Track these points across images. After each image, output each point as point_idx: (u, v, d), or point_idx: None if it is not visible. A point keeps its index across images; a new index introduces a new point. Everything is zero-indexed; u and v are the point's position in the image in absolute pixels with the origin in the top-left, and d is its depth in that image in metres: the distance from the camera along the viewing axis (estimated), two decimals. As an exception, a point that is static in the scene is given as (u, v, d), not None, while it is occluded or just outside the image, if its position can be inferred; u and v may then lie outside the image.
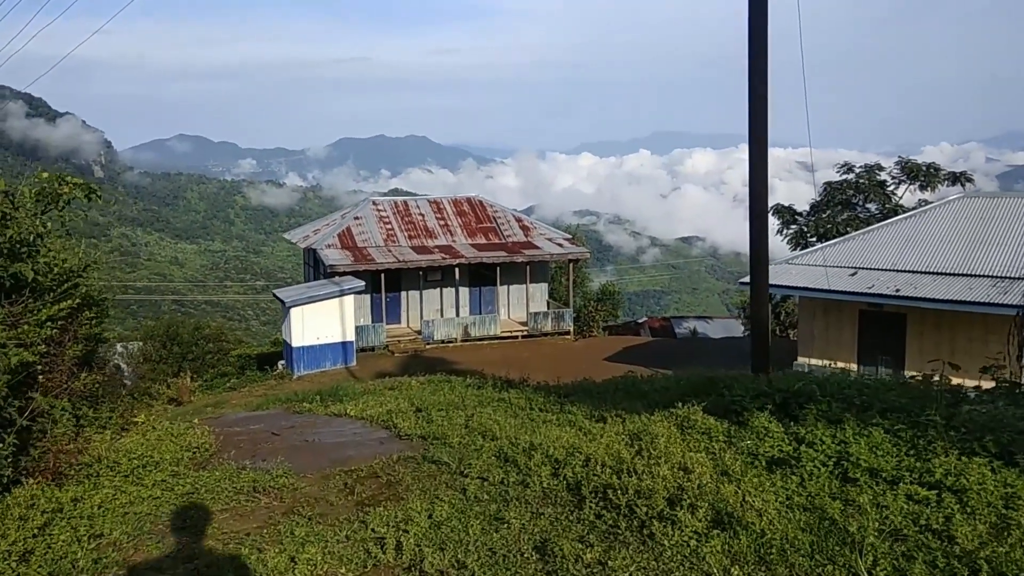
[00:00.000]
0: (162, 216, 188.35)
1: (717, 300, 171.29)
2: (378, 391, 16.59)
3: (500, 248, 35.75)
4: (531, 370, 31.30)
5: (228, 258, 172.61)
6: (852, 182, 34.84)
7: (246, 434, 11.47)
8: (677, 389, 10.29)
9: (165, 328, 44.76)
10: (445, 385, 15.30)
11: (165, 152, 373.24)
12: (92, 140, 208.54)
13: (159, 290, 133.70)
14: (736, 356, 30.90)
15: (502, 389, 13.22)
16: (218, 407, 26.67)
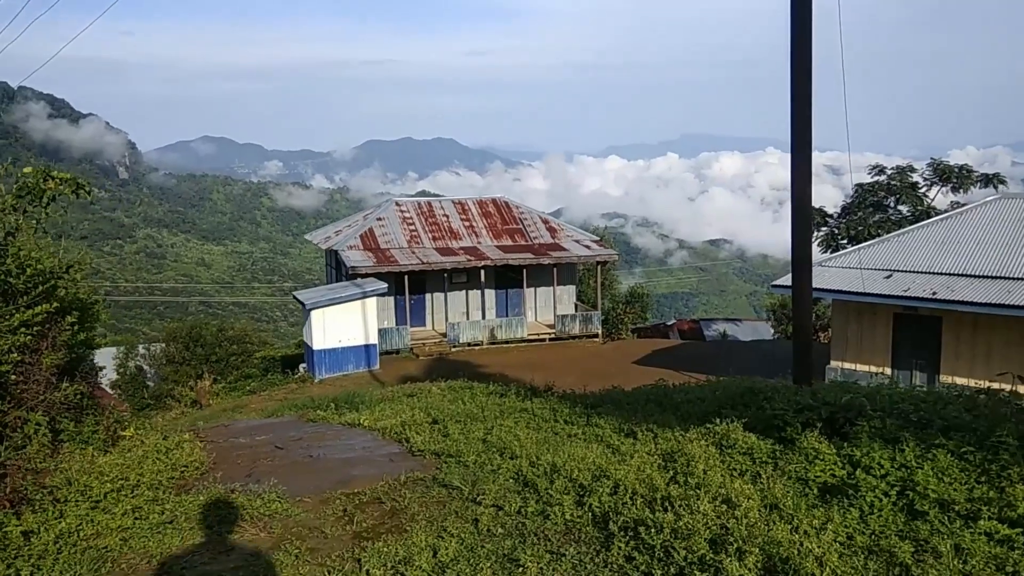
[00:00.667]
0: (188, 217, 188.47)
1: (745, 302, 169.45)
2: (396, 398, 15.94)
3: (526, 250, 35.01)
4: (558, 374, 30.68)
5: (255, 259, 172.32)
6: (884, 184, 33.77)
7: (249, 447, 10.82)
8: (713, 400, 9.50)
9: (188, 330, 44.21)
10: (466, 392, 14.59)
11: (190, 153, 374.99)
12: (116, 141, 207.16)
13: (186, 291, 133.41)
14: (768, 360, 29.96)
15: (525, 398, 12.49)
16: (236, 411, 26.23)
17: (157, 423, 10.62)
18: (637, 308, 39.03)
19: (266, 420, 16.57)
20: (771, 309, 38.67)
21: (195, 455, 8.76)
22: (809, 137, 9.98)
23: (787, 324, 37.06)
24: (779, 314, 37.70)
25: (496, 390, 14.28)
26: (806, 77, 9.82)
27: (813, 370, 9.85)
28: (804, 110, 9.84)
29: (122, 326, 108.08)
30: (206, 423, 21.96)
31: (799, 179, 9.93)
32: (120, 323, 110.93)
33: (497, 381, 27.27)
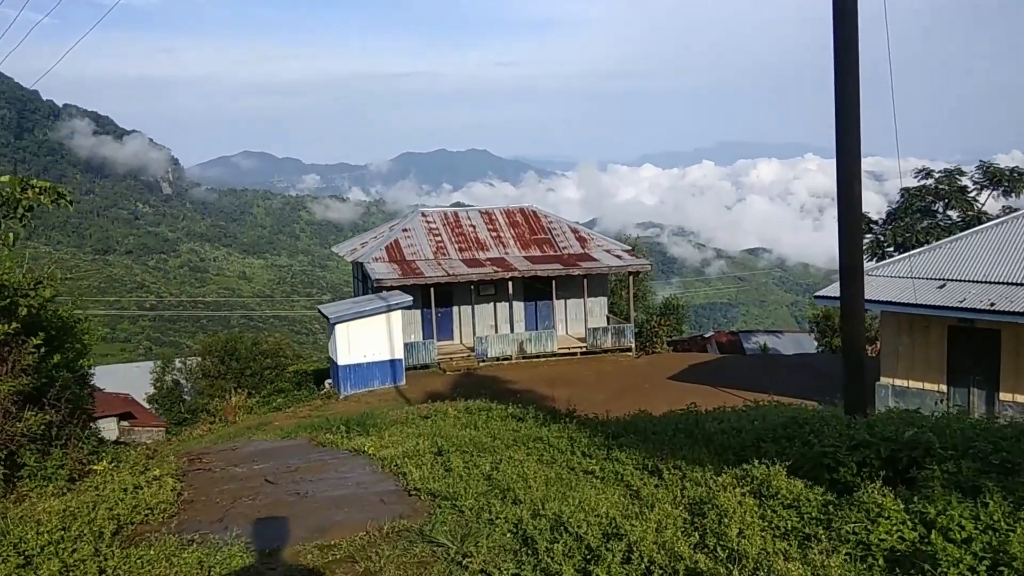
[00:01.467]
0: (229, 231, 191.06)
1: (786, 312, 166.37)
2: (410, 420, 14.92)
3: (555, 260, 33.84)
4: (589, 390, 29.48)
5: (294, 272, 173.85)
6: (931, 188, 32.06)
7: (240, 479, 9.85)
8: (751, 432, 8.28)
9: (223, 343, 44.15)
10: (482, 416, 13.50)
11: (231, 168, 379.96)
12: (159, 157, 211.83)
13: (228, 305, 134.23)
14: (813, 376, 28.41)
15: (544, 423, 11.37)
16: (259, 429, 25.45)
17: (126, 458, 9.59)
18: (672, 320, 37.61)
19: (276, 443, 15.76)
20: (814, 320, 36.99)
21: (165, 494, 7.76)
22: (857, 131, 8.75)
23: (832, 337, 35.42)
24: (823, 326, 36.03)
25: (514, 413, 13.18)
26: (852, 72, 8.61)
27: (867, 396, 8.58)
28: (850, 105, 8.62)
29: (166, 339, 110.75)
30: (222, 443, 21.36)
31: (846, 177, 8.70)
32: (164, 336, 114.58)
33: (523, 399, 26.19)
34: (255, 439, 18.63)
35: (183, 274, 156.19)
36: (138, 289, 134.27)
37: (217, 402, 34.42)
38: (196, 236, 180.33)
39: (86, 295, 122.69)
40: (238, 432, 25.57)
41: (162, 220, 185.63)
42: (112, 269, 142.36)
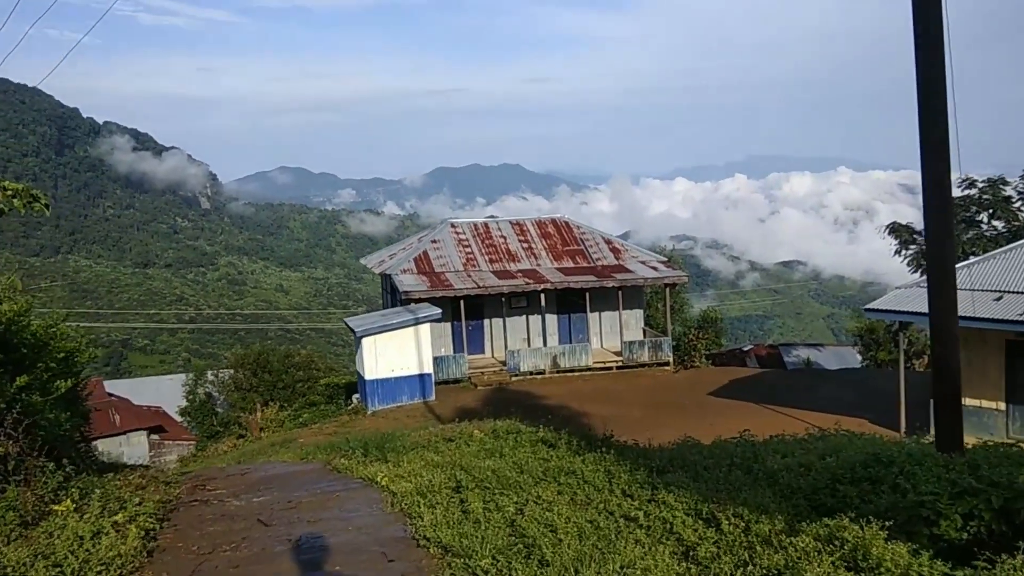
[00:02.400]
0: (267, 245, 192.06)
1: (823, 325, 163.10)
2: (433, 443, 13.63)
3: (589, 272, 32.45)
4: (626, 406, 27.97)
5: (330, 285, 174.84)
6: (975, 198, 30.17)
7: (230, 518, 8.64)
8: (823, 471, 6.87)
9: (255, 356, 43.79)
10: (510, 440, 12.16)
11: (268, 183, 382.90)
12: (198, 173, 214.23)
13: (265, 317, 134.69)
14: (861, 392, 26.64)
15: (578, 451, 10.03)
16: (283, 447, 24.51)
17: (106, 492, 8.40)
18: (711, 333, 35.98)
19: (290, 467, 14.69)
20: (857, 334, 35.16)
21: (129, 544, 6.51)
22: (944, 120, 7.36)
23: (876, 351, 33.61)
24: (867, 339, 34.19)
25: (545, 437, 11.83)
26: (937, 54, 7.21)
27: (961, 430, 7.11)
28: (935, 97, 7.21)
29: (204, 351, 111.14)
30: (237, 464, 20.33)
31: (934, 178, 7.31)
32: (203, 348, 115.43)
33: (556, 416, 24.76)
34: (272, 460, 17.62)
35: (221, 287, 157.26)
36: (177, 302, 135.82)
37: (246, 416, 33.72)
38: (234, 250, 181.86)
39: (127, 308, 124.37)
40: (261, 449, 24.56)
41: (200, 234, 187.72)
42: (152, 282, 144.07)
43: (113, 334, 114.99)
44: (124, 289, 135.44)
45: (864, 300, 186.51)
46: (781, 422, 23.74)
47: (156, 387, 50.68)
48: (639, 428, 23.46)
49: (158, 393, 46.45)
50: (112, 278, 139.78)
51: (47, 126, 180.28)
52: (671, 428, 23.48)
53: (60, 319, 13.68)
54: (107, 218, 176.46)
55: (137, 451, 35.50)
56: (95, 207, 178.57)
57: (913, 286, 20.15)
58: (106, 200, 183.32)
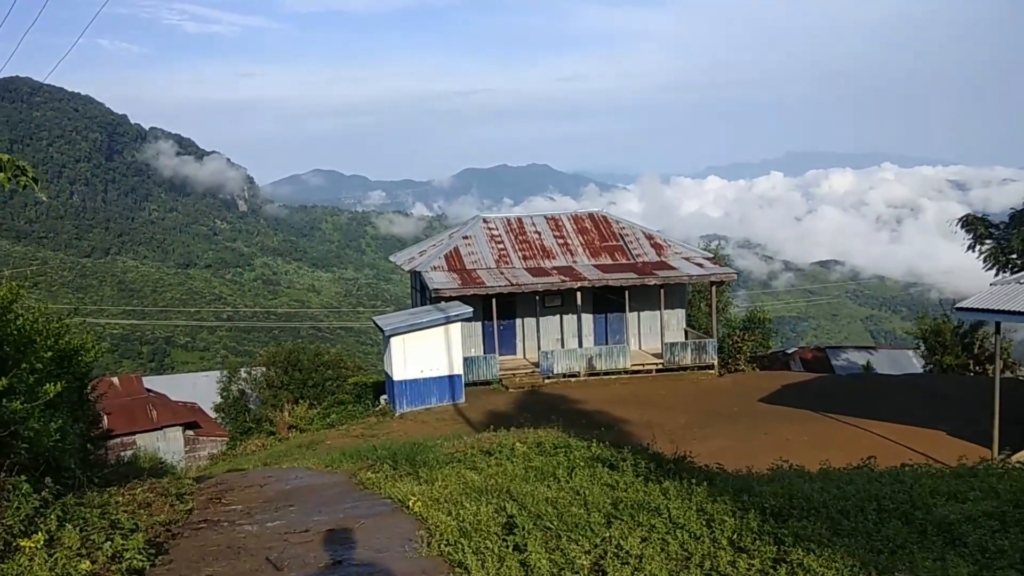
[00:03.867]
0: (300, 246, 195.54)
1: (860, 327, 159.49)
2: (469, 456, 11.85)
3: (629, 269, 30.45)
4: (669, 412, 25.85)
5: (360, 285, 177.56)
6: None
7: (234, 553, 6.95)
8: (1020, 524, 4.92)
9: (286, 354, 44.13)
10: (561, 456, 10.34)
11: (301, 186, 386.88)
12: (236, 176, 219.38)
13: (298, 316, 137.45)
14: (938, 402, 24.15)
15: (649, 477, 8.18)
16: (310, 448, 23.15)
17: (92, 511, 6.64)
18: (757, 334, 33.76)
19: (313, 477, 13.46)
20: (920, 336, 32.71)
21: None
22: None
23: (943, 355, 31.18)
24: (932, 342, 31.73)
25: (602, 454, 9.99)
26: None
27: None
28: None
29: (241, 348, 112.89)
30: (260, 470, 18.78)
31: None
32: (239, 345, 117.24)
33: (595, 422, 22.81)
34: (296, 467, 15.99)
35: (257, 287, 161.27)
36: (216, 301, 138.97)
37: (277, 413, 32.87)
38: (269, 251, 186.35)
39: (170, 306, 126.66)
40: (287, 451, 23.05)
41: (238, 236, 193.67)
42: (193, 282, 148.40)
43: (157, 331, 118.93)
44: (167, 288, 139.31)
45: (906, 301, 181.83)
46: (847, 433, 21.59)
47: (193, 384, 50.37)
48: (687, 437, 21.48)
49: (194, 389, 46.27)
50: (156, 278, 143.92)
51: (98, 132, 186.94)
52: (722, 438, 21.51)
53: (58, 314, 12.12)
54: (152, 220, 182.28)
55: (173, 446, 35.59)
56: (141, 210, 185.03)
57: (1012, 282, 17.94)
58: (151, 203, 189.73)
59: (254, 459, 22.50)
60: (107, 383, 38.77)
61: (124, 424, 33.70)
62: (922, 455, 19.29)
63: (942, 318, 32.75)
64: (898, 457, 19.74)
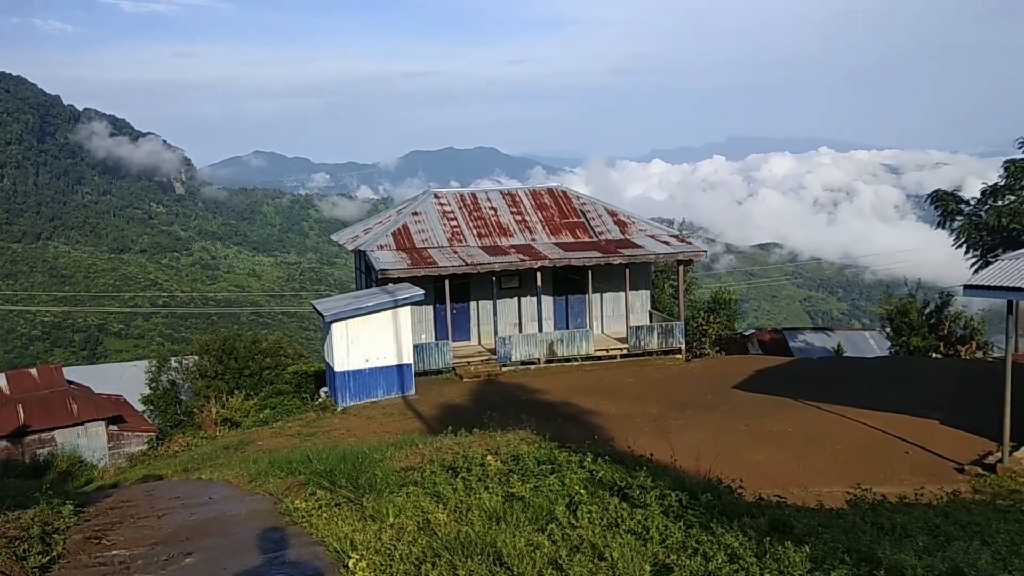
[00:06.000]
0: (240, 230, 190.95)
1: (799, 308, 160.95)
2: (428, 474, 9.24)
3: (592, 247, 28.03)
4: (639, 402, 23.36)
5: (303, 270, 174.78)
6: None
7: None
8: None
9: (221, 342, 41.71)
10: (551, 478, 7.85)
11: (242, 168, 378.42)
12: (173, 158, 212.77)
13: (238, 302, 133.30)
14: (922, 387, 22.25)
15: (686, 516, 5.74)
16: (238, 449, 20.30)
17: None
18: (723, 317, 31.71)
19: (228, 503, 10.56)
20: (887, 317, 31.05)
21: None
22: None
23: (909, 336, 29.54)
24: (898, 323, 30.08)
25: (604, 475, 7.54)
26: None
27: None
28: None
29: (178, 335, 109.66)
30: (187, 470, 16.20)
31: None
32: (176, 333, 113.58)
33: (561, 415, 20.39)
34: (214, 481, 13.27)
35: (195, 272, 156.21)
36: (151, 287, 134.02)
37: (205, 410, 30.20)
38: (208, 235, 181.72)
39: (103, 293, 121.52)
40: (212, 454, 20.17)
41: (175, 219, 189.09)
42: (127, 267, 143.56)
43: (90, 318, 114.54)
44: (100, 274, 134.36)
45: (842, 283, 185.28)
46: (835, 424, 19.40)
47: (120, 374, 47.32)
48: (662, 430, 19.24)
49: (121, 380, 43.26)
50: (89, 263, 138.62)
51: (30, 114, 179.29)
52: (700, 430, 19.25)
53: None
54: (85, 204, 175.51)
55: (95, 443, 32.67)
56: (74, 193, 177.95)
57: (1021, 258, 15.92)
58: (84, 186, 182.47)
59: (175, 463, 19.71)
60: (24, 375, 35.60)
61: (42, 419, 30.91)
62: (926, 450, 17.34)
63: (908, 299, 31.21)
64: (898, 451, 17.88)
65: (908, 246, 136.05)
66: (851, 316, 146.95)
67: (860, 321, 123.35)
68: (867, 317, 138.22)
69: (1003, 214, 24.53)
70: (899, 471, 16.18)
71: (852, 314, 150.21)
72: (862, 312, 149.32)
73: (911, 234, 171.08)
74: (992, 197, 26.54)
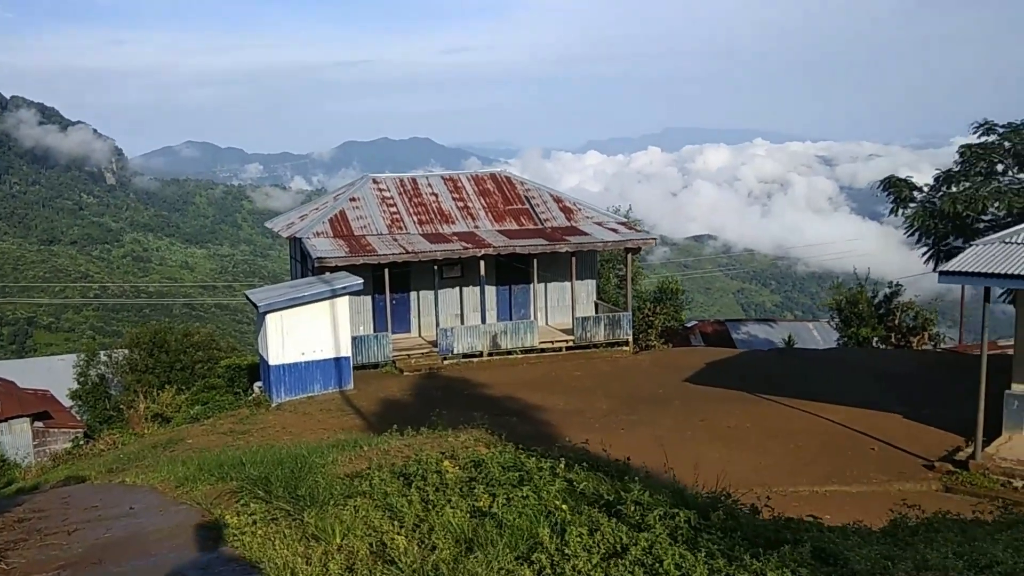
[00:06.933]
0: (172, 221, 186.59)
1: (732, 300, 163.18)
2: (378, 484, 7.98)
3: (537, 235, 26.94)
4: (588, 397, 22.34)
5: (236, 262, 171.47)
6: (995, 145, 25.83)
7: None
8: None
9: (151, 335, 40.26)
10: (526, 490, 6.75)
11: (174, 158, 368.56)
12: (103, 148, 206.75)
13: (170, 294, 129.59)
14: (878, 379, 21.75)
15: (696, 538, 4.68)
16: (167, 448, 18.89)
17: None
18: (670, 307, 31.02)
19: (147, 519, 8.98)
20: (835, 307, 30.74)
21: None
22: None
23: (858, 327, 29.28)
24: (847, 314, 29.76)
25: (589, 487, 6.46)
26: None
27: None
28: None
29: (109, 328, 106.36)
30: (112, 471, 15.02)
31: None
32: (107, 326, 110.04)
33: (507, 410, 19.33)
34: (138, 486, 11.88)
35: (126, 264, 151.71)
36: (82, 279, 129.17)
37: (134, 407, 28.65)
38: (139, 226, 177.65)
39: (32, 285, 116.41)
40: (140, 453, 18.70)
41: (106, 210, 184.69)
42: (57, 259, 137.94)
43: (19, 311, 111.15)
44: (29, 266, 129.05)
45: (775, 275, 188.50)
46: (794, 419, 18.58)
47: (47, 368, 46.08)
48: (614, 427, 18.35)
49: (49, 375, 42.25)
50: (17, 255, 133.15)
51: None
52: (655, 427, 18.29)
53: None
54: (13, 195, 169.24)
55: (19, 440, 32.33)
56: (2, 183, 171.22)
57: (996, 242, 15.36)
58: (12, 176, 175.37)
59: (99, 463, 18.23)
60: (-54, 370, 34.59)
61: (-37, 416, 29.33)
62: (891, 446, 16.68)
63: (857, 289, 31.01)
64: (862, 447, 17.27)
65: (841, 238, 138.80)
66: (784, 308, 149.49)
67: (792, 312, 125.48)
68: (799, 309, 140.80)
69: (958, 200, 24.08)
70: (866, 468, 15.57)
71: (785, 306, 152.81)
72: (795, 304, 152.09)
73: (844, 226, 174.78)
74: (946, 183, 26.19)
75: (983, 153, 25.21)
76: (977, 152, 25.33)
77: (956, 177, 25.57)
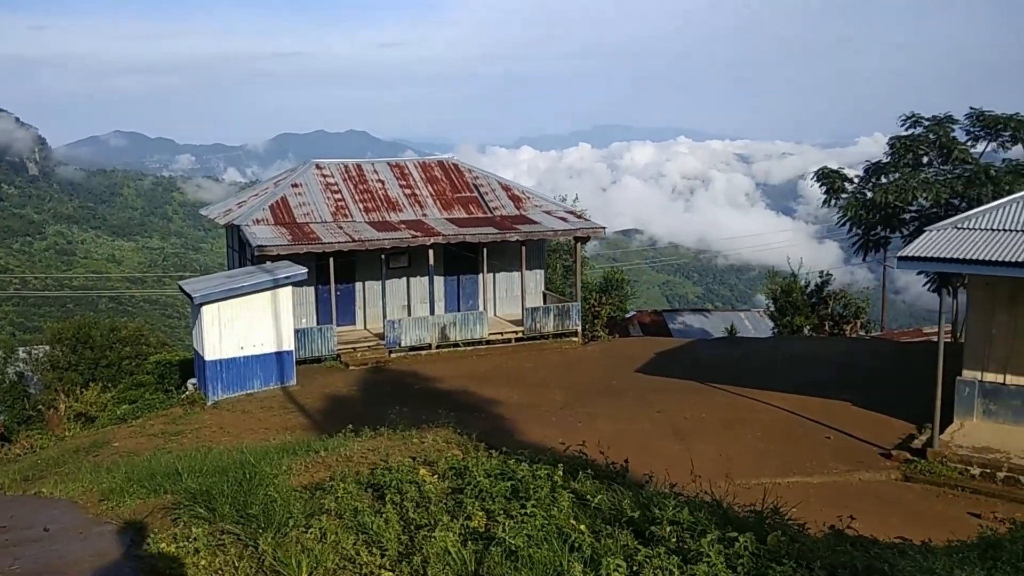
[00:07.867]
0: (98, 213, 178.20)
1: (658, 292, 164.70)
2: (344, 498, 6.74)
3: (486, 223, 25.72)
4: (540, 389, 21.21)
5: (167, 255, 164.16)
6: (922, 137, 25.92)
7: None
8: None
9: (75, 330, 37.48)
10: (504, 494, 5.64)
11: (101, 148, 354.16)
12: (26, 137, 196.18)
13: (96, 288, 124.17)
14: (824, 367, 21.25)
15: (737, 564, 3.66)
16: (90, 452, 17.06)
17: None
18: (615, 298, 30.24)
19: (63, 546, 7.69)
20: (771, 297, 30.45)
21: None
22: None
23: (793, 316, 29.03)
24: (782, 303, 29.49)
25: (604, 502, 5.39)
26: None
27: None
28: None
29: (30, 324, 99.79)
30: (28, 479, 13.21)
31: None
32: (28, 321, 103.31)
33: (459, 404, 18.15)
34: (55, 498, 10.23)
35: (49, 257, 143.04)
36: (2, 272, 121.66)
37: (53, 408, 26.61)
38: (63, 218, 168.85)
39: None
40: (60, 458, 16.82)
41: (27, 201, 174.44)
42: None
43: None
44: None
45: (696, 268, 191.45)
46: (748, 408, 17.86)
47: None
48: (570, 420, 17.44)
49: None
50: None
51: None
52: (612, 419, 17.40)
53: None
54: None
55: None
56: None
57: (948, 228, 14.84)
58: None
59: (13, 470, 16.26)
60: None
61: None
62: (845, 434, 16.15)
63: (792, 279, 30.85)
64: (817, 436, 16.75)
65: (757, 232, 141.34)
66: (705, 299, 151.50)
67: (713, 304, 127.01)
68: (720, 300, 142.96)
69: (889, 191, 24.06)
70: (824, 458, 15.11)
71: (707, 297, 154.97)
72: (716, 295, 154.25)
73: (759, 220, 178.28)
74: (876, 175, 26.16)
75: (911, 145, 25.30)
76: (905, 144, 25.38)
77: (886, 168, 25.60)
